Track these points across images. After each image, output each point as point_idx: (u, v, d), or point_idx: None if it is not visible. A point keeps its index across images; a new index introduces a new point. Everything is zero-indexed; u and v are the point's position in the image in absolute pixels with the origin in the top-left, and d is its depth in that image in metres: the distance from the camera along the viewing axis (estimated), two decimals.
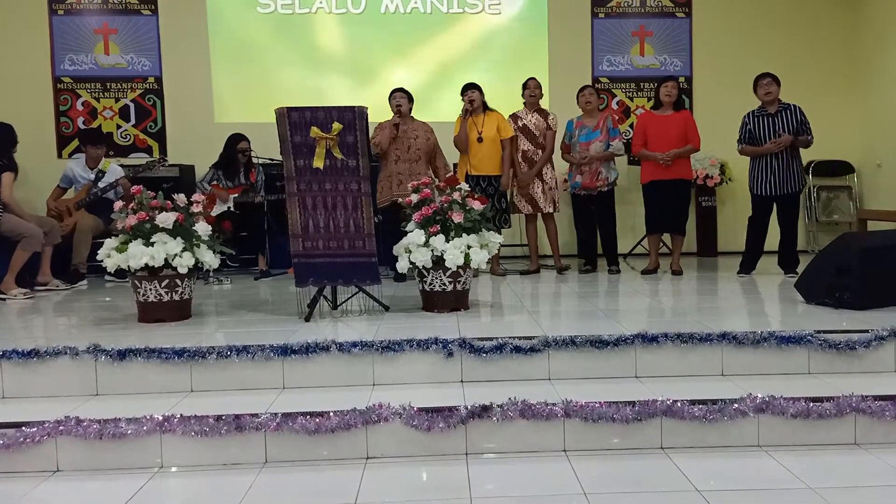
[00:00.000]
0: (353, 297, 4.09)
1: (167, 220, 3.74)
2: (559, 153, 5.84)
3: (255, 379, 3.07)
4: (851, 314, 3.65)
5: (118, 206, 3.88)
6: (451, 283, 3.90)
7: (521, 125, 5.70)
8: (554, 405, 2.73)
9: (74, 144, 6.89)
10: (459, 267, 3.84)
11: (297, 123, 3.83)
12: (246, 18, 7.15)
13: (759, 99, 5.27)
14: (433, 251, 3.82)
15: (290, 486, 2.50)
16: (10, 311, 4.44)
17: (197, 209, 3.91)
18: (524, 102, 5.77)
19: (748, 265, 5.39)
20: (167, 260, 3.70)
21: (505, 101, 5.99)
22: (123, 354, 3.05)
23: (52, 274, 5.31)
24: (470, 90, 5.55)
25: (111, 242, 3.82)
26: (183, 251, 3.74)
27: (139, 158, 6.82)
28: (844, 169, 7.38)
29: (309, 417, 2.67)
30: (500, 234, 4.21)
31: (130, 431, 2.63)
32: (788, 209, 5.29)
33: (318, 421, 2.66)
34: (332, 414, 2.68)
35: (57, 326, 4.03)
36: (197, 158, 6.71)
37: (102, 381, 3.06)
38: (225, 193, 5.78)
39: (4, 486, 2.54)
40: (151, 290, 3.77)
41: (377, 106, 5.31)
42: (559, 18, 7.27)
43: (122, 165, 6.04)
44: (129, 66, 7.04)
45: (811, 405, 2.74)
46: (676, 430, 2.72)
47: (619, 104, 7.33)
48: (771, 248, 5.41)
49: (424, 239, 3.84)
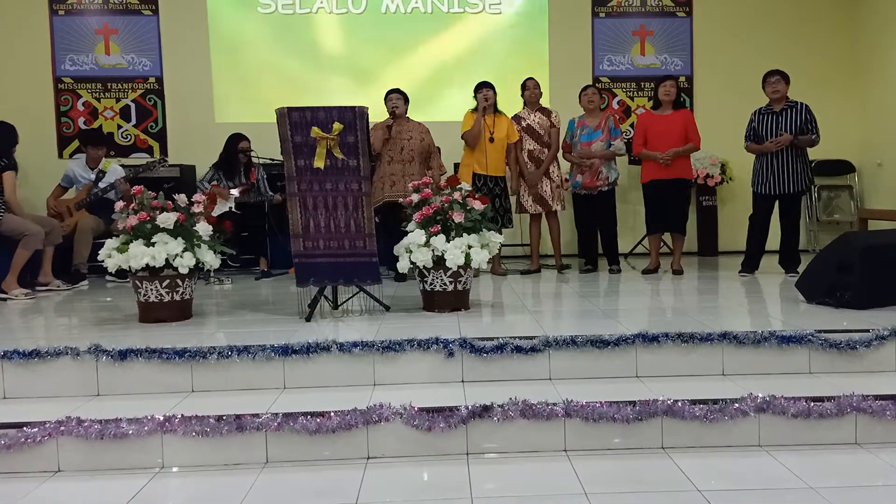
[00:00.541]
0: (353, 296, 4.09)
1: (168, 220, 3.74)
2: (561, 152, 5.84)
3: (255, 379, 3.08)
4: (852, 314, 3.65)
5: (119, 206, 3.88)
6: (451, 282, 3.90)
7: (525, 125, 5.70)
8: (555, 405, 2.73)
9: (75, 145, 6.89)
10: (460, 267, 3.84)
11: (297, 123, 3.83)
12: (246, 18, 7.15)
13: (767, 96, 5.27)
14: (434, 251, 3.82)
15: (290, 486, 2.51)
16: (11, 311, 4.44)
17: (198, 209, 3.91)
18: (524, 102, 5.77)
19: (750, 264, 5.39)
20: (168, 260, 3.70)
21: (505, 100, 5.96)
22: (124, 355, 3.05)
23: (53, 274, 5.31)
24: (485, 88, 5.53)
25: (112, 243, 3.82)
26: (184, 251, 3.74)
27: (140, 158, 6.82)
28: (845, 168, 7.37)
29: (310, 417, 2.67)
30: (501, 234, 4.21)
31: (131, 432, 2.63)
32: (790, 209, 5.28)
33: (319, 421, 2.66)
34: (332, 414, 2.68)
35: (58, 327, 4.03)
36: (198, 158, 6.71)
37: (103, 381, 3.06)
38: (227, 192, 5.78)
39: (5, 486, 2.54)
40: (152, 290, 3.77)
41: (377, 106, 5.31)
42: (560, 18, 7.27)
43: (122, 166, 6.04)
44: (129, 66, 7.04)
45: (812, 405, 2.74)
46: (677, 429, 2.72)
47: (619, 104, 7.33)
48: (772, 247, 5.42)
49: (425, 239, 3.84)
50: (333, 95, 7.07)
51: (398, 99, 5.50)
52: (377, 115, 4.95)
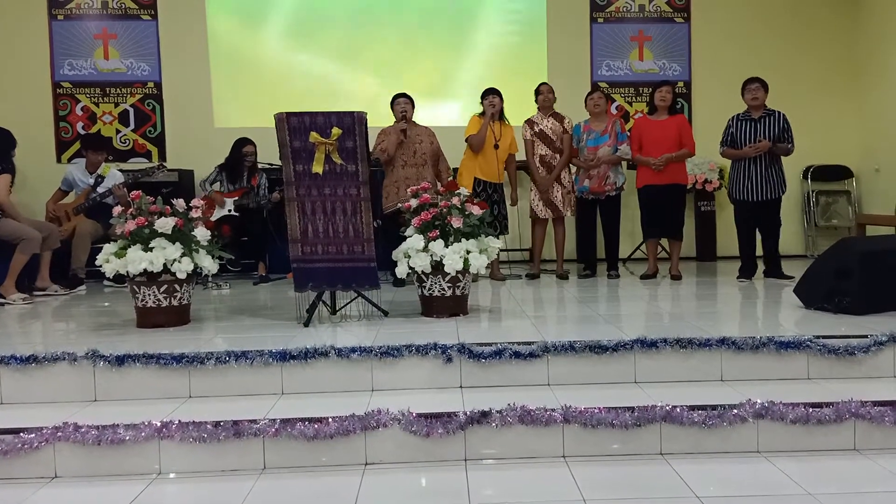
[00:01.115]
0: (351, 302, 4.08)
1: (166, 225, 3.73)
2: None
3: (253, 384, 3.07)
4: (850, 319, 3.65)
5: (117, 211, 3.87)
6: (450, 288, 3.90)
7: (537, 130, 5.70)
8: (553, 411, 2.72)
9: (74, 149, 6.88)
10: (458, 272, 3.84)
11: (296, 128, 3.83)
12: (245, 23, 7.15)
13: (745, 103, 5.31)
14: (432, 256, 3.81)
15: (288, 492, 2.50)
16: (8, 316, 4.43)
17: (196, 214, 3.91)
18: (538, 108, 5.77)
19: (748, 270, 5.40)
20: (166, 265, 3.69)
21: (505, 106, 5.99)
22: (122, 360, 3.04)
23: (50, 279, 5.31)
24: (491, 95, 5.55)
25: (110, 247, 3.81)
26: (182, 256, 3.73)
27: (138, 163, 6.82)
28: (843, 173, 7.39)
29: (307, 423, 2.66)
30: (499, 238, 4.21)
31: (129, 437, 2.63)
32: (769, 214, 5.31)
33: (316, 427, 2.65)
34: (330, 420, 2.68)
35: (55, 332, 4.02)
36: (196, 163, 6.72)
37: (101, 386, 3.05)
38: (221, 198, 5.80)
39: (2, 492, 2.53)
40: (150, 295, 3.76)
41: (375, 110, 5.31)
42: (558, 23, 7.28)
43: (121, 171, 6.04)
44: (128, 71, 7.04)
45: (810, 410, 2.73)
46: (676, 435, 2.72)
47: (618, 109, 7.34)
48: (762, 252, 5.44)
49: (423, 244, 3.84)
50: (332, 100, 7.07)
51: (407, 103, 5.51)
52: (376, 120, 4.93)
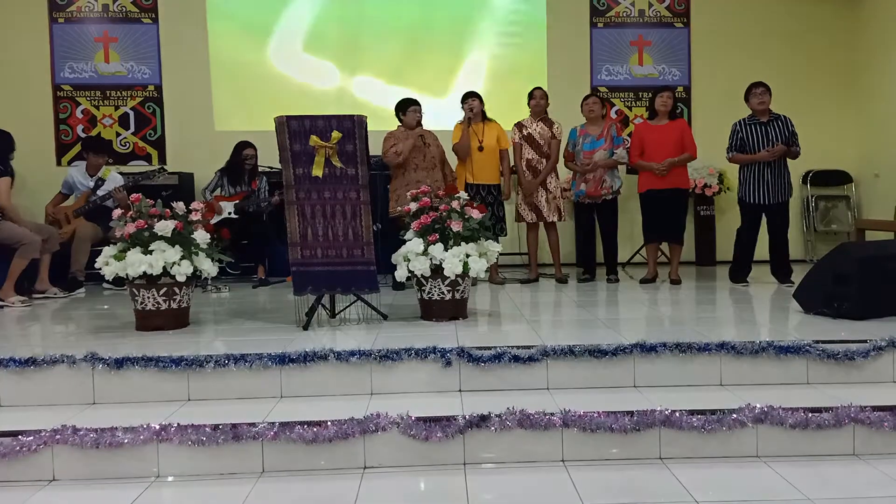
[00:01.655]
0: (351, 305, 4.08)
1: (166, 228, 3.74)
2: (563, 161, 5.85)
3: (252, 388, 3.07)
4: (850, 324, 3.65)
5: (117, 213, 3.88)
6: (449, 291, 3.90)
7: (525, 134, 5.71)
8: (552, 415, 2.72)
9: (74, 152, 6.89)
10: (458, 275, 3.84)
11: (296, 132, 3.84)
12: (246, 26, 7.16)
13: (751, 108, 5.32)
14: (432, 260, 3.82)
15: (287, 495, 2.49)
16: (7, 318, 4.43)
17: (195, 217, 3.91)
18: (530, 112, 5.78)
19: (739, 274, 5.41)
20: (165, 268, 3.69)
21: (505, 110, 6.01)
22: (121, 363, 3.04)
23: (50, 281, 5.31)
24: (470, 98, 5.58)
25: (109, 250, 3.81)
26: (181, 259, 3.73)
27: (138, 166, 6.83)
28: (842, 178, 7.39)
29: (306, 427, 2.66)
30: (497, 242, 4.21)
31: (127, 440, 2.62)
32: (780, 218, 5.31)
33: (315, 430, 2.65)
34: (329, 423, 2.67)
35: (54, 334, 4.02)
36: (197, 166, 6.72)
37: (99, 389, 3.05)
38: (219, 205, 5.82)
39: (0, 495, 2.53)
40: (149, 298, 3.76)
41: (377, 114, 5.32)
42: (558, 28, 7.29)
43: (121, 174, 6.04)
44: (129, 74, 7.05)
45: (810, 415, 2.74)
46: (675, 440, 2.72)
47: (617, 113, 7.35)
48: (760, 256, 5.43)
49: (423, 247, 3.84)
50: (332, 104, 7.08)
51: (420, 111, 5.49)
52: (376, 124, 4.93)
